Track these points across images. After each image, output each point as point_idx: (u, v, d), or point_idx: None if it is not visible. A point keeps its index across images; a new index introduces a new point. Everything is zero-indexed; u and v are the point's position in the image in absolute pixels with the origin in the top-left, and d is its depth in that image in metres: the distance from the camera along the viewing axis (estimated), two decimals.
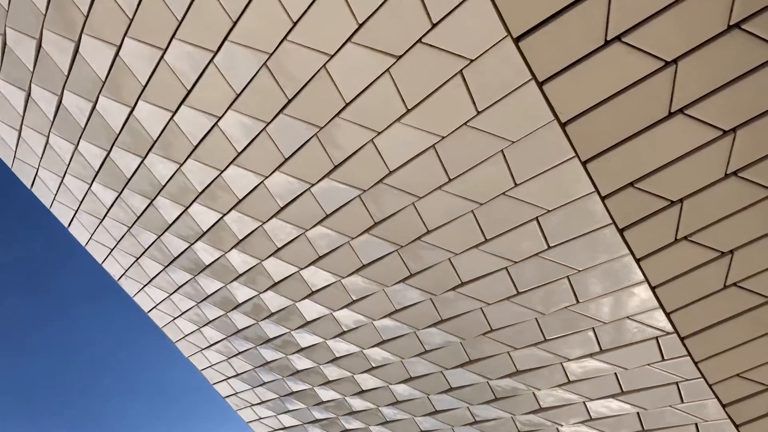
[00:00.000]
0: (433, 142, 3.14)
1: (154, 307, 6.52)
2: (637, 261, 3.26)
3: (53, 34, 3.69)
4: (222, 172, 4.07)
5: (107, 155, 4.53)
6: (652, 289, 3.36)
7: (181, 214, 4.72)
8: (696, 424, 4.18)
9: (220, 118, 3.64)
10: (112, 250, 5.92)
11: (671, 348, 3.73)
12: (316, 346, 5.48)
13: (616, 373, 4.10)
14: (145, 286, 6.20)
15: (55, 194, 5.60)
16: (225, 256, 4.94)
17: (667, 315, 3.48)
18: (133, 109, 3.93)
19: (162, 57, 3.43)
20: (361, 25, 2.81)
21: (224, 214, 4.46)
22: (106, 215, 5.36)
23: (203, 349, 6.74)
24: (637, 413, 4.34)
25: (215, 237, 4.75)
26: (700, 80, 2.60)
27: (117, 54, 3.58)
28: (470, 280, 3.92)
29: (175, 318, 6.48)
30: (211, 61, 3.30)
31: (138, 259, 5.76)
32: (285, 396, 6.66)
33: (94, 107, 4.13)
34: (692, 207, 3.00)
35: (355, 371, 5.53)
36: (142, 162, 4.39)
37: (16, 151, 5.28)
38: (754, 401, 3.82)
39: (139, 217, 5.08)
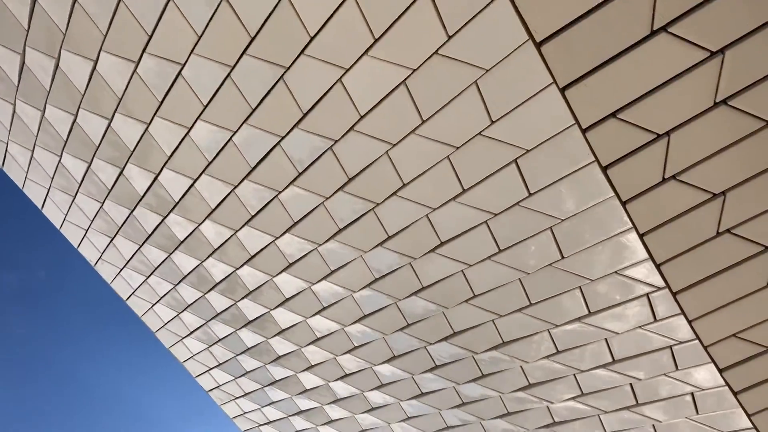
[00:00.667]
0: (404, 76, 2.95)
1: (132, 293, 6.29)
2: (623, 204, 3.06)
3: None
4: (189, 129, 3.88)
5: (74, 120, 4.35)
6: (641, 237, 3.15)
7: (152, 184, 4.53)
8: (692, 394, 3.94)
9: (184, 65, 3.46)
10: (86, 231, 5.71)
11: (663, 307, 3.51)
12: (296, 326, 5.25)
13: (606, 339, 3.87)
14: (121, 270, 5.98)
15: (27, 171, 5.41)
16: (199, 229, 4.73)
17: (658, 267, 3.27)
18: (96, 62, 3.75)
19: None
20: None
21: (195, 180, 4.26)
22: (78, 191, 5.17)
23: (183, 337, 6.50)
24: (630, 384, 4.10)
25: (187, 207, 4.55)
26: None
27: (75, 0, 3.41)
28: (450, 238, 3.71)
29: (153, 304, 6.25)
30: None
31: (113, 239, 5.55)
32: (268, 386, 6.40)
33: (57, 65, 3.95)
34: (680, 141, 2.81)
35: (336, 352, 5.29)
36: (109, 125, 4.21)
37: None
38: (752, 365, 3.59)
39: (110, 191, 4.88)
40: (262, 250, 4.58)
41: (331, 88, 3.17)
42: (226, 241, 4.68)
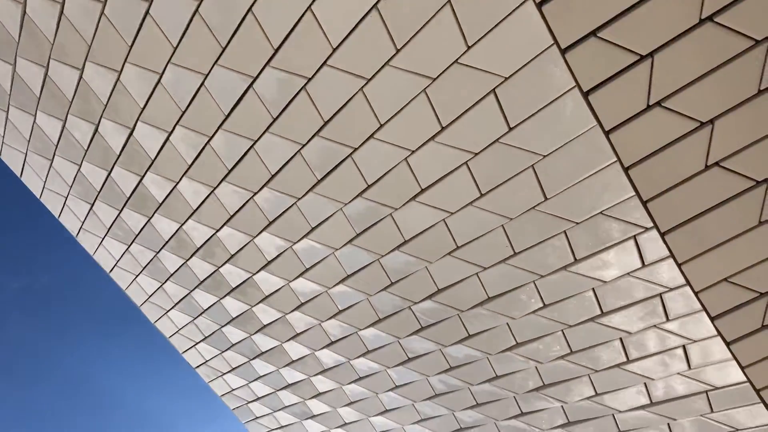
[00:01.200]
0: None
1: (115, 264, 6.16)
2: (607, 134, 2.92)
3: None
4: (161, 75, 3.75)
5: (46, 73, 4.22)
6: (626, 170, 3.01)
7: (127, 140, 4.39)
8: (683, 346, 3.80)
9: (152, 1, 3.32)
10: (66, 198, 5.58)
11: (651, 249, 3.37)
12: (279, 291, 5.11)
13: (594, 289, 3.73)
14: (103, 239, 5.85)
15: (3, 135, 5.28)
16: (177, 188, 4.60)
17: (644, 204, 3.12)
18: (62, 5, 3.62)
19: None
20: None
21: (170, 133, 4.13)
22: (54, 154, 5.04)
23: (168, 310, 6.37)
24: (620, 339, 3.96)
25: (164, 165, 4.42)
26: None
27: None
28: (430, 184, 3.57)
29: (136, 276, 6.12)
30: None
31: (92, 205, 5.42)
32: (254, 358, 6.27)
33: (24, 11, 3.82)
34: (664, 63, 2.67)
35: (321, 317, 5.15)
36: (81, 76, 4.08)
37: None
38: (745, 313, 3.44)
39: (87, 150, 4.75)
40: (241, 208, 4.44)
41: (301, 17, 3.03)
42: (204, 200, 4.55)
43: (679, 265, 3.32)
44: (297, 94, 3.42)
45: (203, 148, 4.10)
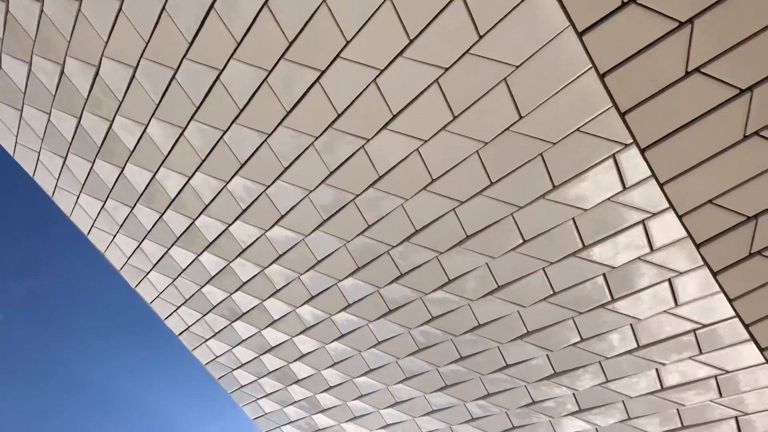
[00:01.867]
0: None
1: (93, 224, 6.02)
2: (580, 36, 2.75)
3: None
4: (122, 1, 3.59)
5: (6, 11, 4.06)
6: (601, 77, 2.85)
7: (93, 81, 4.24)
8: (669, 280, 3.64)
9: None
10: (39, 153, 5.45)
11: (632, 170, 3.21)
12: (256, 243, 4.96)
13: (574, 219, 3.57)
14: (78, 197, 5.71)
15: None
16: (147, 132, 4.44)
17: (622, 116, 2.96)
18: None
19: None
20: None
21: (135, 68, 3.97)
22: (23, 103, 4.89)
23: (147, 272, 6.22)
24: (603, 274, 3.80)
25: (132, 106, 4.26)
26: None
27: None
28: (401, 109, 3.41)
29: (114, 236, 5.97)
30: None
31: (65, 159, 5.28)
32: (236, 321, 6.12)
33: None
34: None
35: (300, 269, 5.00)
36: (42, 9, 3.92)
37: None
38: (732, 238, 3.28)
39: (54, 96, 4.61)
40: (211, 150, 4.29)
41: None
42: (174, 143, 4.39)
43: (661, 186, 3.15)
44: (259, 11, 3.26)
45: (169, 84, 3.95)
